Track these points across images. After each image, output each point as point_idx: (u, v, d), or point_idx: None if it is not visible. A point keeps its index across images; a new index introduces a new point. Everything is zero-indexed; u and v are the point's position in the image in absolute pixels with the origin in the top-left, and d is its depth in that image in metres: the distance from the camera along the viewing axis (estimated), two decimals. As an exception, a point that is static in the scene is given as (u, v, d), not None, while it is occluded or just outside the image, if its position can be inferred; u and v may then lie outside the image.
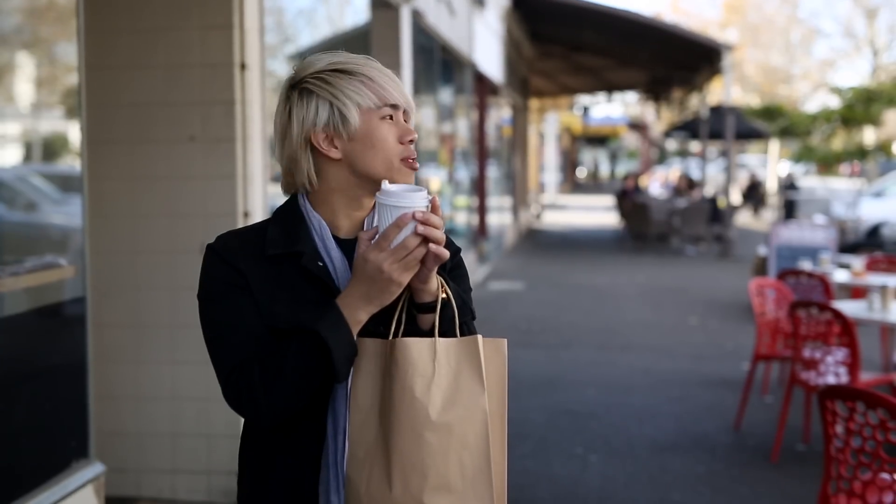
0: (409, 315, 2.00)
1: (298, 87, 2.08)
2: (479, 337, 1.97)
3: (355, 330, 1.94)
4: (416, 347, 1.93)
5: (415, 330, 1.99)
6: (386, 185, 1.95)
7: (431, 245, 1.89)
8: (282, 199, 2.19)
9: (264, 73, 5.41)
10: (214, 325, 2.07)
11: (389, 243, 1.90)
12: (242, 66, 5.11)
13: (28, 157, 4.79)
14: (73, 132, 4.78)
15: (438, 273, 2.01)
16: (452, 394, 1.93)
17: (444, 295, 1.99)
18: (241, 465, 2.15)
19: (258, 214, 5.23)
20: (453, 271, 2.15)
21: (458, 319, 1.99)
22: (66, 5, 4.53)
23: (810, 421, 6.68)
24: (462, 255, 2.23)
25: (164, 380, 5.31)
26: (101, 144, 5.05)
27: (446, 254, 1.93)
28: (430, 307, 1.99)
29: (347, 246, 2.07)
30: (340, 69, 2.07)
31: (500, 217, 20.89)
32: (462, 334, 1.99)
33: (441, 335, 1.97)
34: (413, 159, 2.06)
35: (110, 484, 4.65)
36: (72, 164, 5.12)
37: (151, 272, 5.27)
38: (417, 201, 1.91)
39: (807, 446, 6.62)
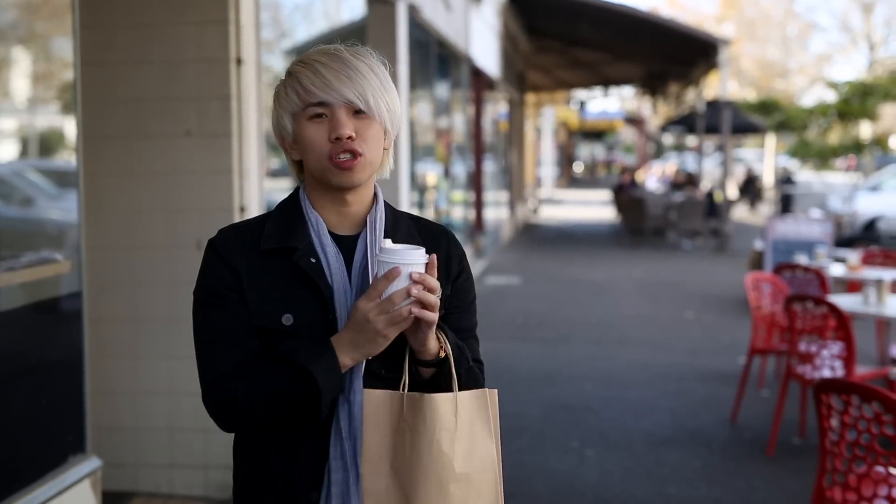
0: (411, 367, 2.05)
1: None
2: (487, 390, 2.03)
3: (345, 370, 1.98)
4: (442, 403, 1.98)
5: (414, 378, 2.04)
6: (385, 242, 1.98)
7: (415, 309, 1.91)
8: (278, 194, 2.22)
9: (260, 69, 5.41)
10: (205, 330, 2.09)
11: (379, 295, 1.92)
12: (238, 62, 5.11)
13: (24, 152, 4.79)
14: (69, 128, 4.78)
15: (439, 319, 2.01)
16: (470, 446, 1.99)
17: (441, 354, 2.03)
18: (235, 459, 2.17)
19: (254, 209, 5.23)
20: (458, 278, 2.18)
21: (456, 371, 2.02)
22: (61, 1, 4.53)
23: (806, 414, 6.70)
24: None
25: (160, 375, 5.31)
26: (97, 140, 5.06)
27: (434, 318, 1.95)
28: (430, 363, 2.03)
29: (344, 242, 2.09)
30: (290, 71, 2.09)
31: (496, 212, 20.91)
32: (461, 381, 2.02)
33: (438, 389, 2.01)
34: (344, 157, 2.02)
35: (107, 478, 4.65)
36: (68, 159, 5.12)
37: (148, 267, 5.28)
38: (414, 259, 1.93)
39: (802, 440, 6.64)
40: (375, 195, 2.15)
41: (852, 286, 9.21)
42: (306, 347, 1.97)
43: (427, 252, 1.98)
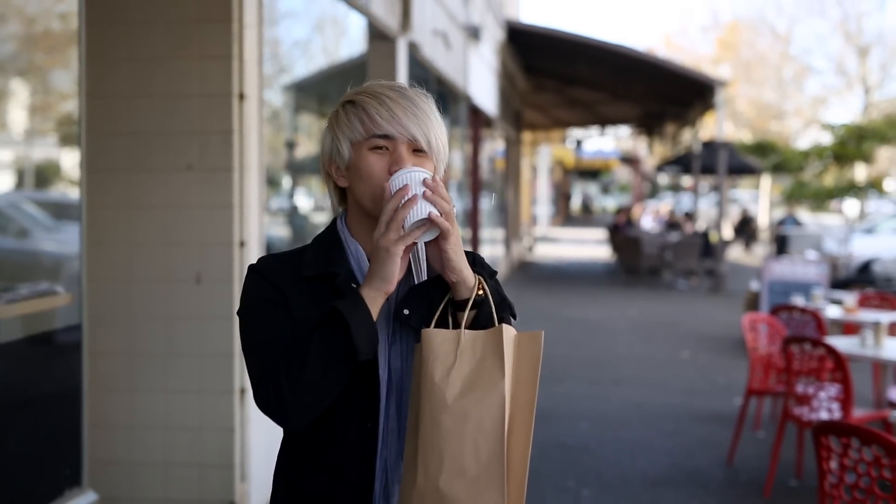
0: (453, 315, 2.05)
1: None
2: (505, 326, 2.00)
3: (374, 310, 1.99)
4: (438, 337, 1.99)
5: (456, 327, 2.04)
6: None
7: (426, 213, 1.96)
8: (277, 230, 2.23)
9: (262, 104, 5.44)
10: (252, 336, 2.09)
11: (388, 216, 1.97)
12: (241, 97, 5.14)
13: (21, 184, 4.80)
14: (67, 160, 4.79)
15: (476, 272, 2.05)
16: (472, 380, 1.97)
17: (480, 292, 2.04)
18: (275, 482, 2.18)
19: (254, 244, 5.23)
20: (492, 286, 2.18)
21: (497, 315, 2.03)
22: (62, 33, 4.56)
23: (803, 456, 6.68)
24: None
25: (157, 409, 5.29)
26: (98, 172, 5.06)
27: (444, 225, 1.99)
28: (468, 304, 2.03)
29: None
30: (351, 99, 2.12)
31: (492, 249, 20.92)
32: (490, 318, 2.03)
33: (483, 329, 2.02)
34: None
35: (102, 513, 4.63)
36: (65, 191, 5.13)
37: (147, 301, 5.27)
38: (415, 174, 1.99)
39: (799, 481, 6.61)
40: None
41: (848, 328, 9.21)
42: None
43: None
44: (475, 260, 2.19)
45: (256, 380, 2.04)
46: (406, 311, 2.04)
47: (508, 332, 2.00)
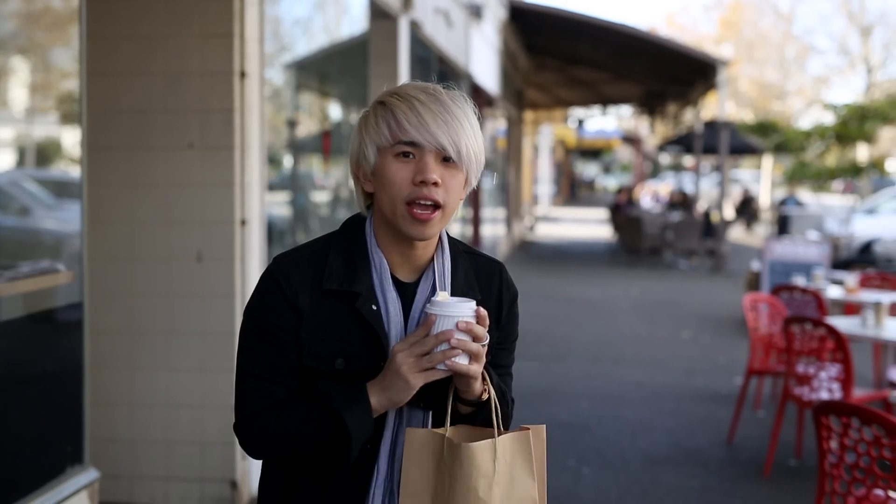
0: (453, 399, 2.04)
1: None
2: (532, 429, 2.02)
3: (377, 412, 1.97)
4: (480, 451, 1.96)
5: (455, 412, 2.04)
6: (439, 294, 1.95)
7: (449, 361, 1.90)
8: (278, 209, 2.20)
9: (263, 82, 5.42)
10: (251, 362, 2.04)
11: (413, 342, 1.91)
12: (242, 75, 5.12)
13: (22, 162, 4.79)
14: (68, 138, 4.78)
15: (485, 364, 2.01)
16: (508, 488, 1.99)
17: (485, 396, 2.02)
18: (263, 481, 2.16)
19: (255, 222, 5.23)
20: (506, 318, 2.16)
21: (500, 412, 2.02)
22: (63, 11, 4.54)
23: (803, 436, 6.69)
24: None
25: (158, 386, 5.30)
26: (99, 150, 5.05)
27: (475, 371, 1.94)
28: (472, 403, 2.03)
29: (405, 290, 2.05)
30: (382, 100, 2.03)
31: (493, 228, 20.91)
32: (500, 423, 2.02)
33: (474, 423, 2.03)
34: (422, 208, 1.96)
35: (103, 490, 4.64)
36: (66, 169, 5.12)
37: (148, 279, 5.27)
38: (462, 311, 1.91)
39: (799, 461, 6.63)
40: (440, 240, 2.10)
41: (849, 308, 9.21)
42: (341, 390, 1.95)
43: (480, 297, 2.03)
44: (502, 281, 2.17)
45: (244, 414, 2.02)
46: (422, 404, 2.03)
47: (536, 432, 2.03)
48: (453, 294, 2.04)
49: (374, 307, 2.00)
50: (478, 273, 2.13)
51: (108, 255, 5.24)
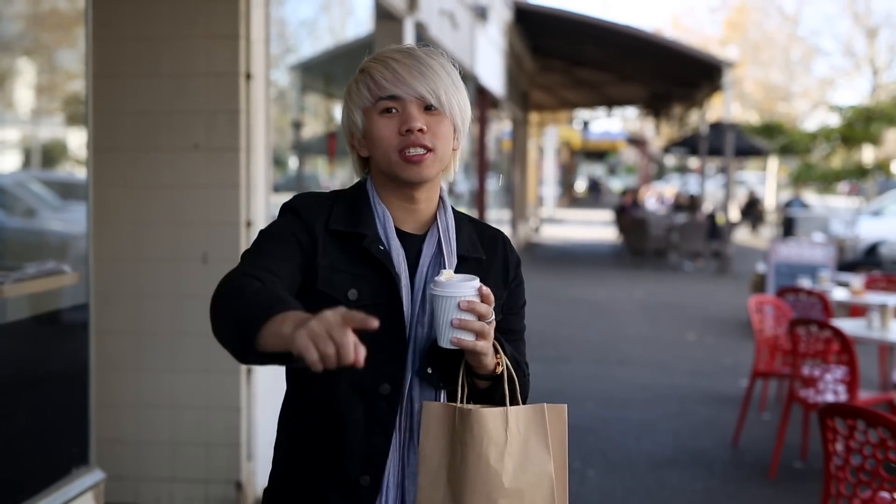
0: (467, 375, 2.04)
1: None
2: (547, 406, 2.04)
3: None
4: (490, 417, 1.97)
5: (472, 390, 2.04)
6: (442, 274, 1.95)
7: (455, 338, 1.90)
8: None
9: (268, 84, 5.43)
10: (255, 248, 2.04)
11: (340, 323, 1.70)
12: (248, 76, 5.13)
13: (28, 163, 4.80)
14: (74, 139, 4.79)
15: (495, 329, 2.01)
16: (522, 460, 1.99)
17: (500, 368, 2.03)
18: (279, 431, 2.13)
19: (261, 223, 5.23)
20: (513, 282, 2.18)
21: (509, 387, 2.02)
22: (69, 12, 4.55)
23: (808, 438, 6.69)
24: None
25: (163, 388, 5.30)
26: (105, 152, 5.06)
27: (484, 347, 1.94)
28: (486, 377, 2.03)
29: (408, 240, 2.07)
30: (362, 68, 2.08)
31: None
32: (514, 396, 2.03)
33: (494, 400, 2.03)
34: (413, 150, 2.00)
35: (108, 491, 4.64)
36: (71, 170, 5.13)
37: (153, 280, 5.27)
38: (464, 291, 1.91)
39: (804, 464, 6.62)
40: (441, 198, 2.13)
41: (855, 311, 9.20)
42: (289, 301, 1.77)
43: (485, 257, 2.06)
44: (505, 244, 2.18)
45: (221, 281, 1.91)
46: (429, 370, 2.03)
47: (554, 410, 2.04)
48: (459, 250, 2.08)
49: (382, 247, 2.02)
50: (481, 236, 2.16)
51: (114, 256, 5.24)
